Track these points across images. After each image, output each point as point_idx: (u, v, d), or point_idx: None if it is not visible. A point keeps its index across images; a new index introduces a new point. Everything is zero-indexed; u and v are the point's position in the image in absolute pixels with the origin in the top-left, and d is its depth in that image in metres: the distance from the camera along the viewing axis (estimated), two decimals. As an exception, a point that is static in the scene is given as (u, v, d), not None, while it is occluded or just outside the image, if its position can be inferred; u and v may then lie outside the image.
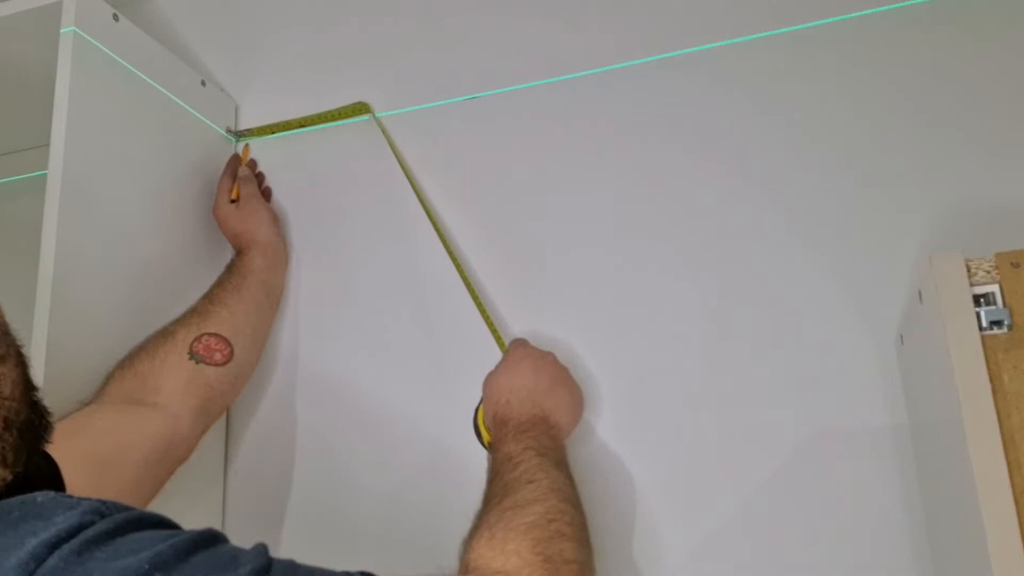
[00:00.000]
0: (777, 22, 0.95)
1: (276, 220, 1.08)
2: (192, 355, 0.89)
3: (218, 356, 0.91)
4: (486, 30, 1.07)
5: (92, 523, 0.44)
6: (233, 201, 1.07)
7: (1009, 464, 0.54)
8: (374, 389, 1.02)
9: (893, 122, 0.90)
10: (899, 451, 0.82)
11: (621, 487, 0.90)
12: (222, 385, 0.92)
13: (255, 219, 1.05)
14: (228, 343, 0.93)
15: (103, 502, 0.47)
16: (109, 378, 0.87)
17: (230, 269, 1.02)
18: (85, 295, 0.87)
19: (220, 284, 1.00)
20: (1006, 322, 0.57)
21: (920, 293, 0.65)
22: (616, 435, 0.92)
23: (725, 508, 0.86)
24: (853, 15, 0.93)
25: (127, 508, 0.47)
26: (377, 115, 1.08)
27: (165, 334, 0.91)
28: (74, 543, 0.43)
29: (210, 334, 0.92)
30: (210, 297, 0.97)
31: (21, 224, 1.22)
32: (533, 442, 0.77)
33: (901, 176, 0.88)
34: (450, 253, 0.98)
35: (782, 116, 0.93)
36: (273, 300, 1.05)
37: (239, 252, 1.05)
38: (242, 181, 1.09)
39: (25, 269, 0.87)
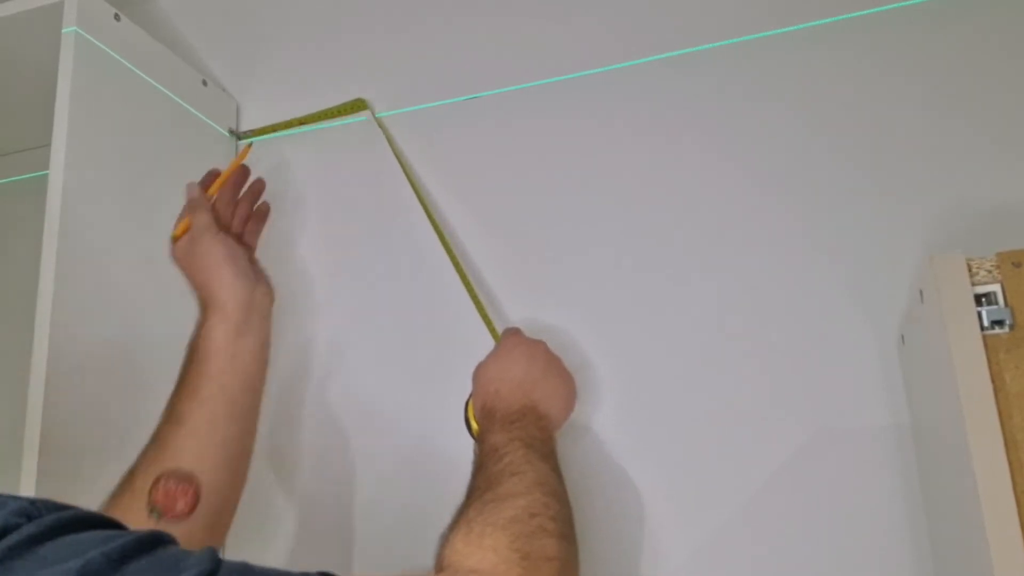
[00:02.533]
0: (778, 21, 0.95)
1: (237, 256, 0.85)
2: (152, 509, 0.73)
3: (180, 504, 0.73)
4: (486, 30, 1.07)
5: (17, 527, 0.40)
6: (178, 238, 0.87)
7: (1011, 464, 0.54)
8: (373, 388, 1.02)
9: (894, 121, 0.90)
10: (900, 451, 0.82)
11: (621, 485, 0.90)
12: (195, 536, 0.74)
13: (208, 261, 0.84)
14: (191, 481, 0.74)
15: (32, 502, 0.42)
16: None
17: (189, 354, 0.83)
18: (87, 295, 0.87)
19: (179, 383, 0.81)
20: (1008, 322, 0.57)
21: (921, 293, 0.65)
22: (616, 433, 0.91)
23: (726, 507, 0.86)
24: (855, 15, 0.93)
25: (61, 507, 0.43)
26: (377, 115, 1.08)
27: (125, 483, 0.75)
28: None
29: (169, 475, 0.74)
30: (168, 411, 0.79)
31: (22, 225, 1.22)
32: (521, 432, 0.74)
33: (902, 175, 0.88)
34: (445, 244, 0.97)
35: (783, 116, 0.93)
36: (250, 381, 0.84)
37: (201, 312, 0.86)
38: (192, 209, 0.88)
39: (27, 270, 0.87)
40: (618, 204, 0.97)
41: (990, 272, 0.58)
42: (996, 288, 0.58)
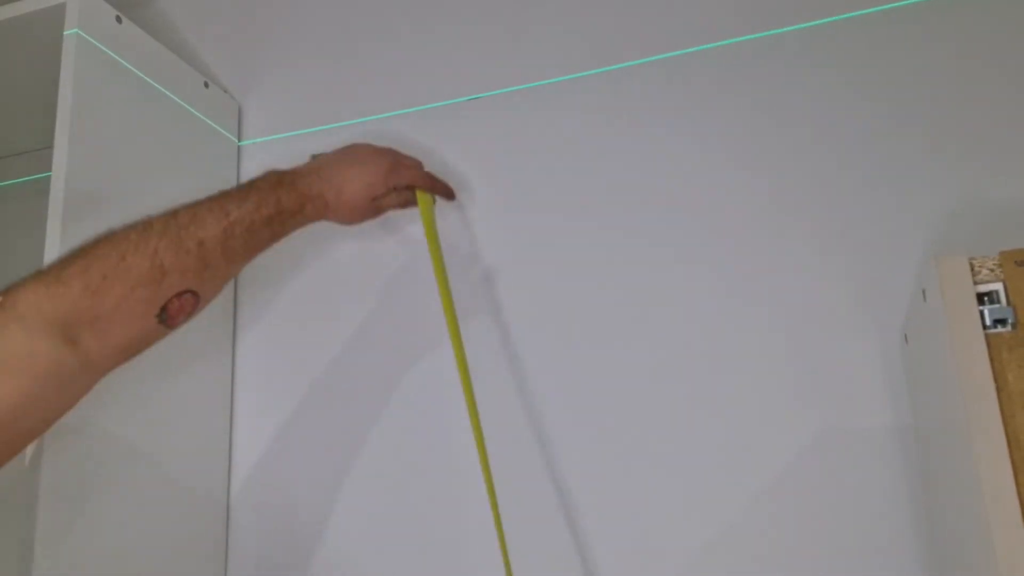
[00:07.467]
0: (779, 22, 0.95)
1: (375, 186, 0.86)
2: (162, 313, 0.70)
3: (180, 319, 0.72)
4: (487, 31, 1.08)
5: None
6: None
7: (1014, 463, 0.54)
8: (365, 397, 1.02)
9: (897, 121, 0.90)
10: (903, 450, 0.82)
11: (623, 487, 0.90)
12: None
13: (371, 166, 0.87)
14: (196, 304, 0.73)
15: None
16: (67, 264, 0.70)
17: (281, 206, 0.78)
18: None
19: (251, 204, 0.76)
20: (1010, 320, 0.57)
21: (924, 292, 0.65)
22: (619, 435, 0.91)
23: (729, 507, 0.86)
24: (856, 14, 0.93)
25: None
26: (379, 116, 1.09)
27: (150, 276, 0.69)
28: None
29: (190, 292, 0.71)
30: (224, 231, 0.74)
31: (25, 226, 1.22)
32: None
33: (905, 175, 0.88)
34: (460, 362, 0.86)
35: (785, 116, 0.93)
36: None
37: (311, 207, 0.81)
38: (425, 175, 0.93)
39: (29, 271, 0.87)
40: (620, 204, 0.97)
41: (992, 271, 0.58)
42: (999, 287, 0.58)
